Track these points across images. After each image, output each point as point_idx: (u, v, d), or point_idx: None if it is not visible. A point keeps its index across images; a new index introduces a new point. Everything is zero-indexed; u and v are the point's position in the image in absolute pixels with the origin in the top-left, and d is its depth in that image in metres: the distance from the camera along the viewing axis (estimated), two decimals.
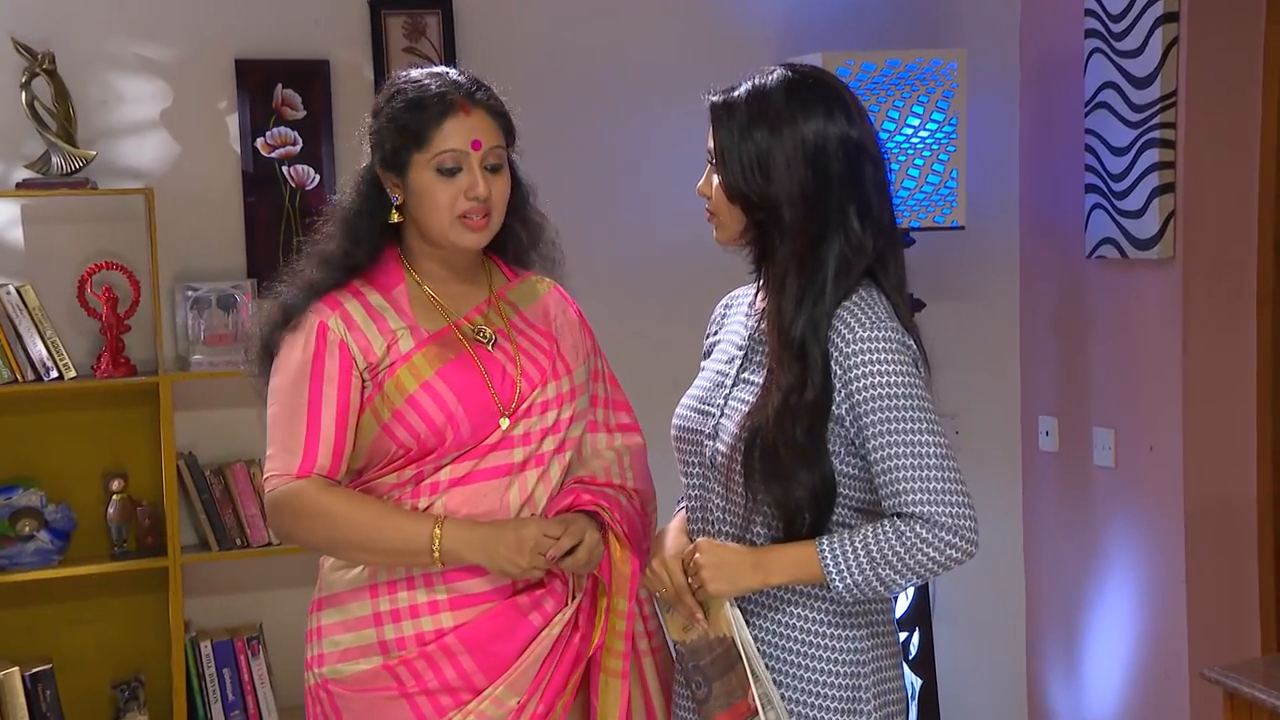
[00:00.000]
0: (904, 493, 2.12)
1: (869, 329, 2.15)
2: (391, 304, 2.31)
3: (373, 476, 2.32)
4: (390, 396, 2.27)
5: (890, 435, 2.12)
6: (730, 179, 2.20)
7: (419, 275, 2.34)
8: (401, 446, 2.29)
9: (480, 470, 2.29)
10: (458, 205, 2.27)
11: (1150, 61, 3.85)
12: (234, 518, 3.86)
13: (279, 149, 3.89)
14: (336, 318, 2.29)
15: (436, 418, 2.26)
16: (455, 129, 2.26)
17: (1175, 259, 3.87)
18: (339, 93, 3.94)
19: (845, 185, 2.18)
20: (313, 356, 2.28)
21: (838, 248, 2.17)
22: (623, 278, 4.16)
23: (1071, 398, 4.28)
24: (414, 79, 2.32)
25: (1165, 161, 3.83)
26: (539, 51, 4.09)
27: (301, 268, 2.33)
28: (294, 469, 2.25)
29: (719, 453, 2.24)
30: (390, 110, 2.30)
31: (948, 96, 3.94)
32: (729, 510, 2.24)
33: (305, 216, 3.79)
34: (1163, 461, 3.95)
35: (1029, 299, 4.47)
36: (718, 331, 2.42)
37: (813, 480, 2.13)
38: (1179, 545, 3.94)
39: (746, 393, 2.24)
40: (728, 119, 2.21)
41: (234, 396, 3.87)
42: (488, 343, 2.33)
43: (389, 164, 2.30)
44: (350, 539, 2.25)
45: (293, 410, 2.27)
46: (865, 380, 2.13)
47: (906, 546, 2.11)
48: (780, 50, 4.19)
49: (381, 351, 2.28)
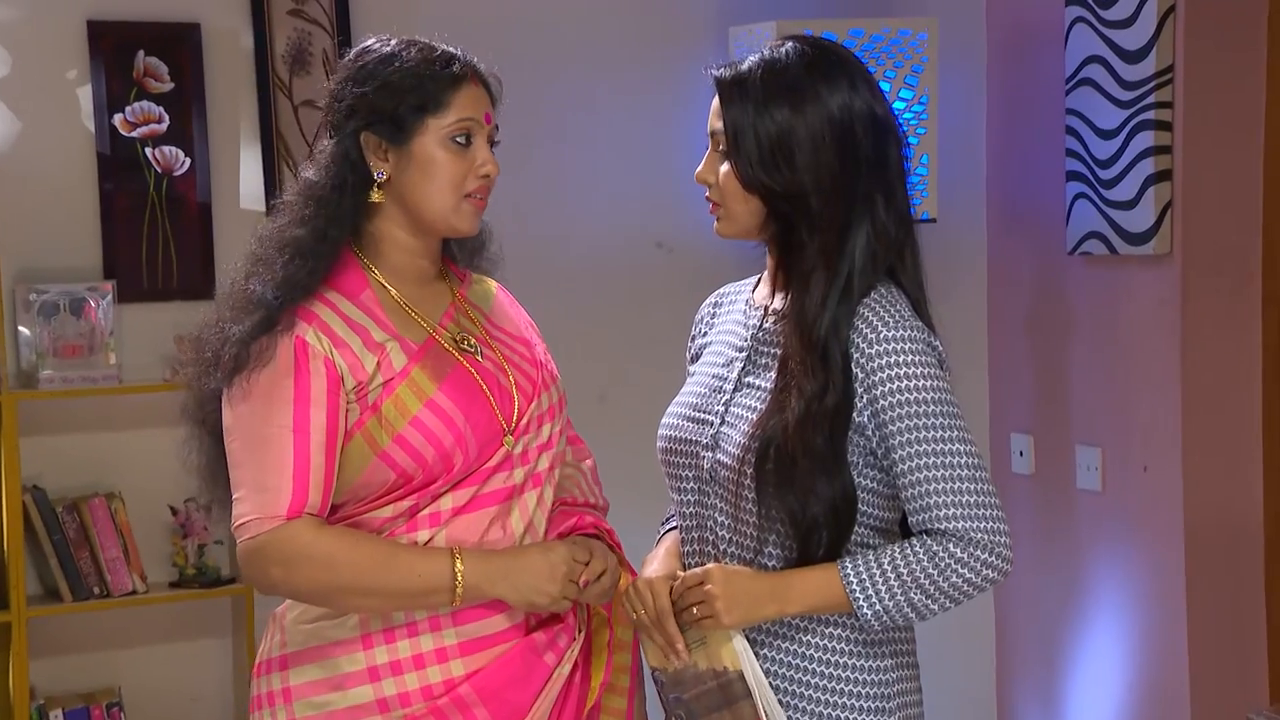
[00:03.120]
0: (934, 507, 2.11)
1: (893, 328, 2.13)
2: (367, 313, 2.25)
3: (359, 511, 2.24)
4: (390, 419, 2.21)
5: (918, 444, 2.11)
6: (747, 165, 2.15)
7: (383, 276, 2.27)
8: (403, 475, 2.23)
9: (482, 495, 2.25)
10: (467, 182, 2.24)
11: (1143, 33, 3.76)
12: (91, 562, 3.70)
13: (141, 127, 3.77)
14: (315, 331, 2.21)
15: (445, 440, 2.22)
16: (471, 97, 2.24)
17: (1172, 255, 3.79)
18: (212, 62, 3.84)
19: (873, 168, 2.16)
20: (294, 377, 2.19)
21: (864, 239, 2.15)
22: (540, 279, 3.93)
23: (1050, 413, 4.20)
24: (404, 43, 2.26)
25: (1161, 146, 3.75)
26: (444, 20, 3.72)
27: (263, 259, 2.24)
28: (280, 509, 2.17)
29: (721, 464, 2.21)
30: (393, 71, 2.23)
31: (917, 71, 3.92)
32: (737, 530, 2.21)
33: (175, 207, 3.77)
34: (1158, 483, 3.87)
35: (998, 302, 4.37)
36: (706, 332, 2.38)
37: (832, 493, 2.12)
38: (1178, 579, 3.83)
39: (752, 398, 2.21)
40: (740, 96, 2.16)
41: (91, 418, 3.77)
42: (475, 352, 2.29)
43: (386, 130, 2.23)
44: (355, 584, 2.19)
45: (270, 441, 2.19)
46: (890, 384, 2.12)
47: (940, 567, 2.10)
48: (725, 17, 4.08)
49: (372, 368, 2.22)
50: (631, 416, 3.96)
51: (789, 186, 2.15)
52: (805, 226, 2.16)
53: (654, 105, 4.05)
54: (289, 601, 2.31)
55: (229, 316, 2.23)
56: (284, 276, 2.21)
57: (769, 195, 2.16)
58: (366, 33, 4.09)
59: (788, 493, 2.13)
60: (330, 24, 3.86)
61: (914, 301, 2.20)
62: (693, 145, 4.18)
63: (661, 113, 4.05)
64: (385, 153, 2.24)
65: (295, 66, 3.83)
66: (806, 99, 2.15)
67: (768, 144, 2.15)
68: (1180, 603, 3.82)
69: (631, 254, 4.07)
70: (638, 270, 4.09)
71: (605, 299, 4.10)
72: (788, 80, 2.16)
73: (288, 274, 2.22)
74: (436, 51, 2.26)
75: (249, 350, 2.19)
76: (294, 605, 2.31)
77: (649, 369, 4.03)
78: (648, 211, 4.07)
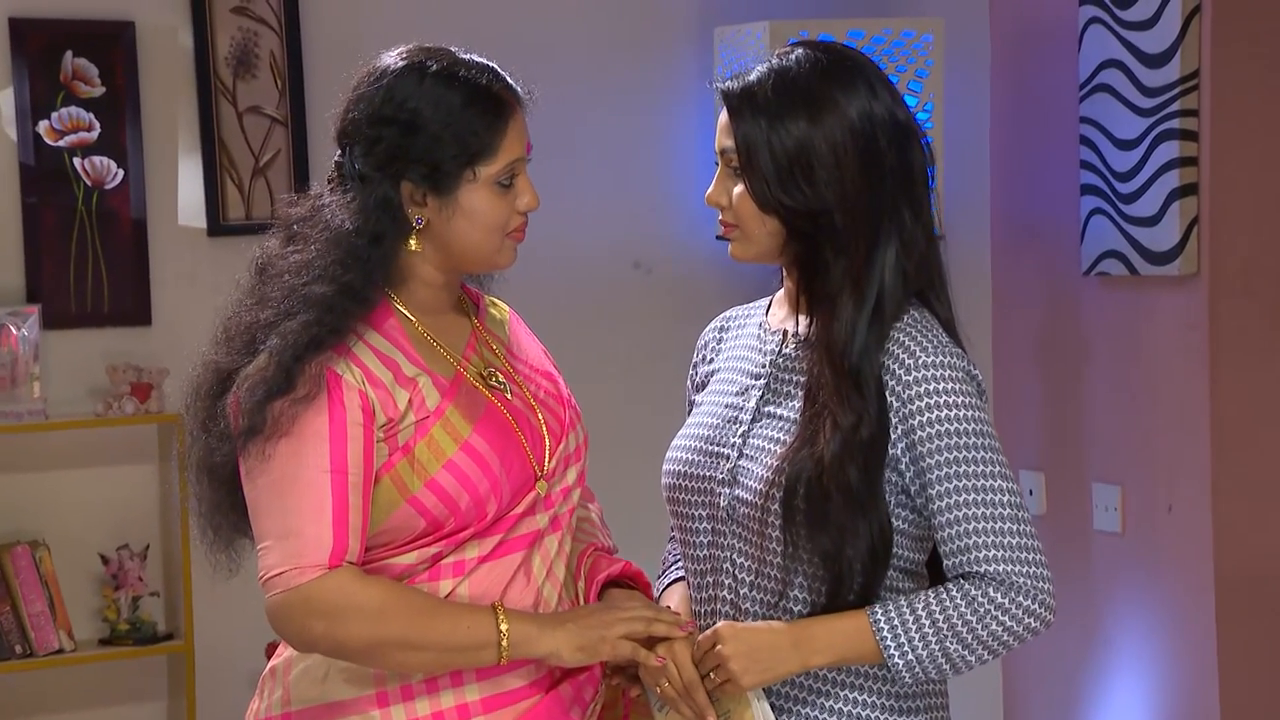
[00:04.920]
0: (974, 549, 2.11)
1: (931, 354, 2.13)
2: (396, 345, 2.24)
3: (378, 558, 2.24)
4: (424, 462, 2.20)
5: (958, 480, 2.11)
6: (763, 185, 2.15)
7: (407, 306, 2.26)
8: (434, 523, 2.22)
9: (508, 542, 2.25)
10: (511, 221, 2.25)
11: (1166, 35, 3.73)
12: (12, 617, 3.64)
13: (69, 136, 3.71)
14: (348, 363, 2.19)
15: (480, 485, 2.21)
16: (517, 133, 2.23)
17: (1199, 275, 3.76)
18: (148, 64, 3.78)
19: (898, 179, 2.16)
20: (328, 413, 2.17)
21: (893, 256, 2.15)
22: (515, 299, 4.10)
23: (1063, 448, 4.16)
24: (445, 75, 2.22)
25: (1186, 157, 3.73)
26: (401, 19, 3.93)
27: (280, 308, 2.20)
28: (321, 558, 2.16)
29: (741, 501, 2.20)
30: (437, 117, 2.21)
31: (921, 76, 3.91)
32: (759, 573, 2.20)
33: (106, 224, 3.73)
34: (1184, 525, 3.82)
35: (1005, 326, 4.32)
36: (712, 359, 2.37)
37: (869, 531, 2.11)
38: (1208, 631, 3.78)
39: (774, 428, 2.20)
40: (751, 109, 2.15)
41: (13, 458, 3.71)
42: (504, 389, 2.29)
43: (427, 179, 2.21)
44: (406, 638, 2.18)
45: (304, 483, 2.17)
46: (929, 415, 2.12)
47: (979, 614, 2.09)
48: (710, 17, 4.05)
49: (404, 405, 2.20)
50: (607, 453, 4.32)
51: (810, 204, 2.14)
52: (829, 246, 2.15)
53: (631, 112, 4.03)
54: (292, 654, 2.28)
55: (230, 362, 2.20)
56: (308, 339, 2.17)
57: (789, 215, 2.15)
58: (319, 33, 3.91)
59: (820, 531, 2.12)
60: (279, 23, 3.83)
61: (943, 322, 2.20)
62: (674, 156, 4.29)
63: (639, 120, 4.03)
64: (424, 198, 2.23)
65: (240, 69, 3.78)
66: (824, 108, 2.14)
67: (785, 160, 2.14)
68: (1211, 657, 3.79)
69: (606, 274, 4.02)
70: (613, 292, 4.04)
71: (577, 323, 4.02)
72: (801, 89, 2.15)
73: (311, 335, 2.18)
74: (482, 84, 2.22)
75: (264, 415, 2.16)
76: (301, 659, 2.27)
77: (626, 401, 4.14)
78: (624, 228, 4.05)
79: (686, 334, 2.62)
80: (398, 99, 2.21)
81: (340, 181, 2.24)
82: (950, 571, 2.14)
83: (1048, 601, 2.11)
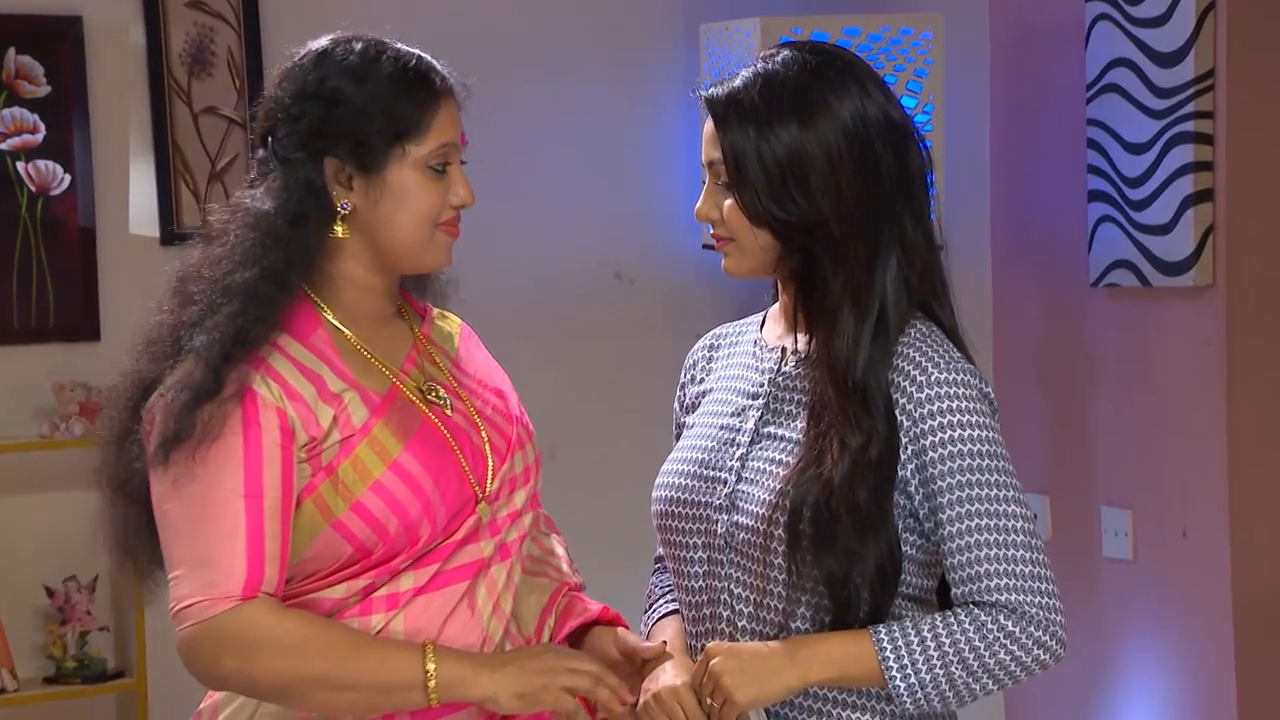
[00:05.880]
0: (985, 576, 2.11)
1: (943, 370, 2.14)
2: (321, 358, 2.20)
3: (305, 590, 2.20)
4: (348, 484, 2.17)
5: (969, 505, 2.12)
6: (753, 197, 2.15)
7: (336, 316, 2.23)
8: (361, 549, 2.18)
9: (448, 571, 2.21)
10: (443, 213, 2.22)
11: (1179, 32, 3.72)
12: None
13: (12, 138, 3.70)
14: (264, 378, 2.16)
15: (411, 508, 2.18)
16: (449, 117, 2.23)
17: (1215, 286, 3.75)
18: (96, 62, 3.74)
19: (896, 183, 2.16)
20: (242, 433, 2.14)
21: (894, 265, 2.15)
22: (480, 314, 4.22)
23: (1068, 471, 4.14)
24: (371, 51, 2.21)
25: (1201, 161, 3.72)
26: (372, 14, 3.88)
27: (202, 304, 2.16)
28: (234, 589, 2.12)
29: (740, 527, 2.20)
30: (363, 90, 2.19)
31: (920, 75, 3.88)
32: (760, 603, 2.20)
33: (52, 232, 3.69)
34: (1200, 550, 3.80)
35: (1005, 340, 4.30)
36: (703, 378, 2.36)
37: (878, 554, 2.12)
38: (1225, 661, 3.75)
39: (775, 450, 2.20)
40: (738, 117, 2.16)
41: None
42: (444, 405, 2.25)
43: (353, 157, 2.19)
44: (326, 676, 2.14)
45: (216, 508, 2.13)
46: (940, 435, 2.12)
47: (987, 641, 2.10)
48: (695, 13, 4.02)
49: (328, 423, 2.17)
50: (588, 475, 3.99)
51: (806, 215, 2.13)
52: (827, 258, 2.15)
53: (612, 114, 4.03)
54: (217, 698, 2.23)
55: (154, 369, 2.15)
56: (234, 331, 2.13)
57: (782, 228, 2.14)
58: (279, 30, 3.90)
59: (827, 556, 2.11)
60: (236, 19, 3.80)
61: (948, 332, 2.20)
62: (657, 160, 4.19)
63: (621, 123, 4.02)
64: (350, 181, 2.20)
65: (195, 68, 3.76)
66: (815, 111, 2.13)
67: (776, 169, 2.13)
68: (1229, 691, 3.74)
69: (587, 285, 4.01)
70: (593, 304, 4.02)
71: (556, 337, 4.03)
72: (790, 92, 2.14)
73: (237, 327, 2.13)
74: (410, 62, 2.21)
75: (193, 419, 2.11)
76: (229, 700, 2.22)
77: (608, 419, 4.05)
78: (606, 237, 4.04)
79: (672, 348, 2.57)
80: (322, 75, 2.19)
81: (262, 177, 2.20)
82: (959, 600, 2.14)
83: (1059, 634, 2.12)
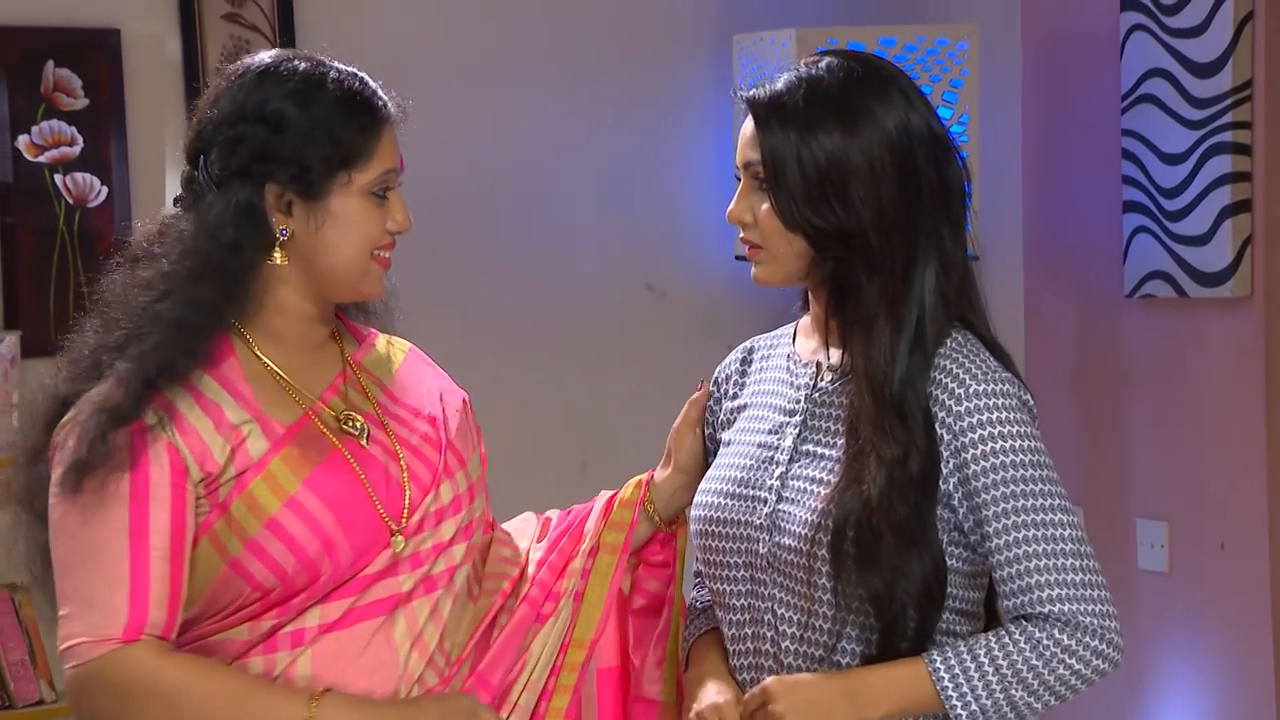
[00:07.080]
0: (1036, 588, 2.09)
1: (983, 382, 2.12)
2: (225, 387, 2.15)
3: (210, 632, 2.15)
4: (242, 521, 2.12)
5: (1016, 516, 2.10)
6: (790, 202, 2.13)
7: (257, 341, 2.19)
8: (258, 588, 2.13)
9: (360, 608, 2.15)
10: (381, 238, 2.19)
11: (1217, 43, 3.73)
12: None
13: (50, 150, 3.68)
14: (155, 410, 2.11)
15: (309, 546, 2.12)
16: (390, 143, 2.20)
17: (1254, 297, 3.74)
18: (134, 74, 3.72)
19: (936, 196, 2.15)
20: (130, 468, 2.08)
21: (931, 277, 2.14)
22: (509, 327, 4.01)
23: (1103, 483, 4.11)
24: (312, 72, 2.18)
25: (1239, 172, 3.72)
26: (406, 27, 3.93)
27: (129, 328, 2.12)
28: (115, 630, 2.07)
29: (783, 548, 2.18)
30: (306, 114, 2.16)
31: (956, 86, 3.86)
32: (807, 624, 2.18)
33: (89, 245, 3.64)
34: (1238, 563, 3.77)
35: (1038, 352, 4.27)
36: (737, 394, 2.33)
37: (923, 570, 2.10)
38: (1266, 677, 3.70)
39: (815, 468, 2.19)
40: (780, 120, 2.14)
41: None
42: (359, 435, 2.19)
43: (295, 183, 2.15)
44: None
45: (102, 547, 2.08)
46: (983, 447, 2.11)
47: (1044, 658, 2.08)
48: (729, 24, 4.01)
49: (224, 458, 2.12)
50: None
51: (843, 224, 2.12)
52: (862, 267, 2.13)
53: (644, 125, 4.01)
54: None
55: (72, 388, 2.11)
56: (159, 361, 2.08)
57: (818, 235, 2.13)
58: (314, 41, 4.12)
59: (872, 574, 2.10)
60: (272, 29, 3.79)
61: (988, 344, 2.19)
62: (689, 171, 4.19)
63: (653, 133, 4.00)
64: (290, 207, 2.16)
65: None
66: (860, 120, 2.12)
67: (815, 176, 2.11)
68: (1269, 707, 3.69)
69: (618, 297, 3.99)
70: (624, 316, 4.00)
71: (587, 350, 4.01)
72: (834, 99, 2.13)
73: (163, 358, 2.09)
74: (354, 85, 2.17)
75: (107, 446, 2.06)
76: None
77: (638, 431, 4.13)
78: (637, 248, 4.02)
79: (703, 361, 2.59)
80: (263, 96, 2.13)
81: (192, 197, 2.13)
82: (1010, 613, 2.13)
83: (1115, 640, 2.11)
